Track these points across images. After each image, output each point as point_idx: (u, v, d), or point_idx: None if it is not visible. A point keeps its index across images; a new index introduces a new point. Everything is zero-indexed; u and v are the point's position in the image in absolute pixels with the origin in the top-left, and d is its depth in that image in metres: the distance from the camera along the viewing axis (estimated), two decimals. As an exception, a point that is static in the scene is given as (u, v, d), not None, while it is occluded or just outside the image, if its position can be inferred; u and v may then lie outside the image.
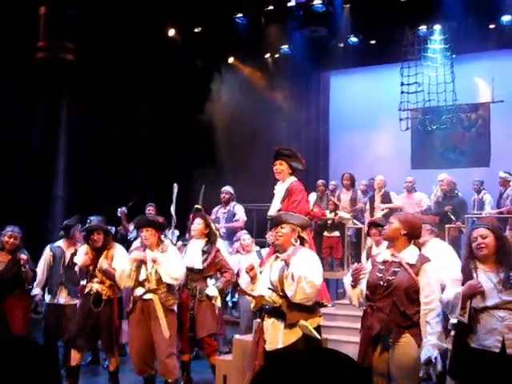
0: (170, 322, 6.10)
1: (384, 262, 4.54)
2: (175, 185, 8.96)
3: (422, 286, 4.31)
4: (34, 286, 7.42)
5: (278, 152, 6.36)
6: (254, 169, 11.38)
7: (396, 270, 4.42)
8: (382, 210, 10.88)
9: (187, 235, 7.51)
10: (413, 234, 4.54)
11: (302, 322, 4.76)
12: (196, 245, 6.78)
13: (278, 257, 5.04)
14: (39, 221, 11.47)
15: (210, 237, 6.84)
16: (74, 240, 7.52)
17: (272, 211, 6.23)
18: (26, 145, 11.96)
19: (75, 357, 6.48)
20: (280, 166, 6.27)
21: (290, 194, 6.23)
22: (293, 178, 6.36)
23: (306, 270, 4.71)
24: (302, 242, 5.05)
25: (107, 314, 6.44)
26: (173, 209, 8.98)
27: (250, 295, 5.00)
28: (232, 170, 12.48)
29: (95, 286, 6.47)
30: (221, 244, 8.10)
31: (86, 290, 6.55)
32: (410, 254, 4.46)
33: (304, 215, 5.90)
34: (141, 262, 6.16)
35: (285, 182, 6.32)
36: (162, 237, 6.47)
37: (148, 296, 6.11)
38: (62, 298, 7.34)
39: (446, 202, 10.62)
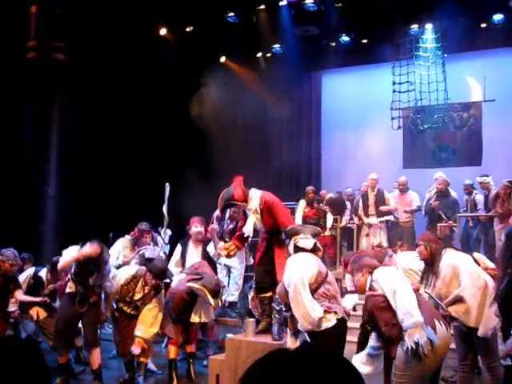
0: None
1: None
2: (167, 184, 8.96)
3: (384, 292, 4.51)
4: (12, 302, 7.46)
5: (226, 208, 6.36)
6: (246, 168, 11.38)
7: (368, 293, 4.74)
8: (380, 211, 11.00)
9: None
10: (370, 269, 4.79)
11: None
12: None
13: None
14: (31, 220, 11.41)
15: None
16: (58, 277, 7.57)
17: (246, 230, 6.12)
18: (17, 143, 11.89)
19: (62, 355, 6.62)
20: (236, 209, 6.25)
21: (268, 210, 6.06)
22: (255, 195, 6.04)
23: None
24: (299, 249, 5.10)
25: (92, 313, 6.57)
26: (165, 208, 8.97)
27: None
28: (223, 170, 12.47)
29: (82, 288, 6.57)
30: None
31: (69, 289, 6.60)
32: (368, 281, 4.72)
33: (289, 217, 6.02)
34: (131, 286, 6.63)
35: (251, 203, 6.03)
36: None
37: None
38: (39, 316, 7.63)
39: (439, 201, 10.64)
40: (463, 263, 5.43)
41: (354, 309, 5.57)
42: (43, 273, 7.83)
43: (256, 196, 6.01)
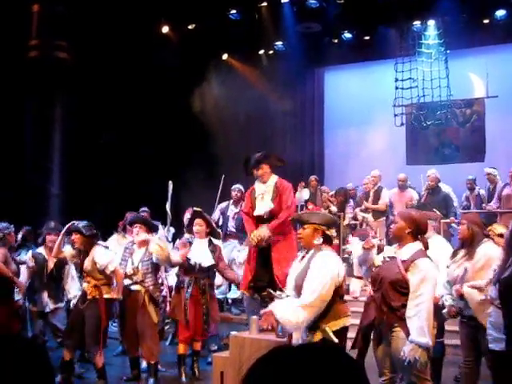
0: (156, 311, 6.78)
1: (387, 258, 4.64)
2: (170, 182, 8.95)
3: (411, 282, 4.35)
4: (16, 291, 7.48)
5: (258, 160, 6.32)
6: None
7: (387, 261, 4.56)
8: (365, 209, 10.94)
9: (190, 235, 7.53)
10: (417, 230, 4.59)
11: (323, 326, 4.74)
12: (201, 244, 7.17)
13: (304, 256, 5.04)
14: (35, 219, 11.40)
15: (213, 235, 7.31)
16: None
17: (261, 210, 6.15)
18: (18, 143, 11.89)
19: (66, 353, 6.67)
20: (264, 170, 6.24)
21: (280, 192, 6.17)
22: (275, 176, 6.31)
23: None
24: (329, 240, 4.95)
25: (91, 312, 6.54)
26: (168, 206, 8.97)
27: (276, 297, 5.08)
28: (226, 167, 12.47)
29: (84, 285, 6.70)
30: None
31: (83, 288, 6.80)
32: (407, 250, 4.51)
33: (293, 210, 6.03)
34: (128, 256, 6.81)
35: (268, 182, 6.24)
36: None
37: (135, 287, 6.76)
38: (46, 304, 7.60)
39: (430, 198, 10.58)
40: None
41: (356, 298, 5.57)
42: (41, 250, 7.80)
43: (274, 178, 6.25)
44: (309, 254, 4.92)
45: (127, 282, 6.77)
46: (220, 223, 9.96)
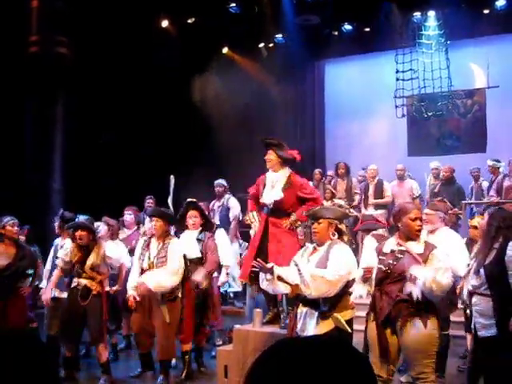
0: (173, 309, 6.39)
1: (392, 252, 4.66)
2: (172, 176, 8.95)
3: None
4: (43, 278, 7.53)
5: (265, 142, 6.25)
6: (250, 159, 11.34)
7: (399, 256, 4.58)
8: (373, 204, 10.85)
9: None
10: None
11: (335, 314, 4.90)
12: (191, 235, 7.03)
13: (315, 249, 5.11)
14: (37, 214, 11.40)
15: (205, 226, 7.16)
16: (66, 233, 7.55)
17: (269, 199, 6.07)
18: (18, 143, 11.87)
19: (68, 349, 6.62)
20: (269, 156, 6.16)
21: (294, 184, 6.09)
22: (289, 170, 6.16)
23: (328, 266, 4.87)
24: (341, 233, 5.14)
25: (95, 306, 6.50)
26: (170, 200, 8.98)
27: (286, 282, 5.06)
28: (228, 161, 12.48)
29: (83, 281, 6.53)
30: (222, 233, 8.11)
31: (73, 284, 6.60)
32: (416, 243, 4.60)
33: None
34: (146, 250, 6.48)
35: (279, 172, 6.11)
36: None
37: None
38: (55, 291, 7.46)
39: (444, 189, 10.56)
40: None
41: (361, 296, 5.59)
42: (58, 240, 7.73)
43: (287, 170, 6.14)
44: (323, 246, 5.04)
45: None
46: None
